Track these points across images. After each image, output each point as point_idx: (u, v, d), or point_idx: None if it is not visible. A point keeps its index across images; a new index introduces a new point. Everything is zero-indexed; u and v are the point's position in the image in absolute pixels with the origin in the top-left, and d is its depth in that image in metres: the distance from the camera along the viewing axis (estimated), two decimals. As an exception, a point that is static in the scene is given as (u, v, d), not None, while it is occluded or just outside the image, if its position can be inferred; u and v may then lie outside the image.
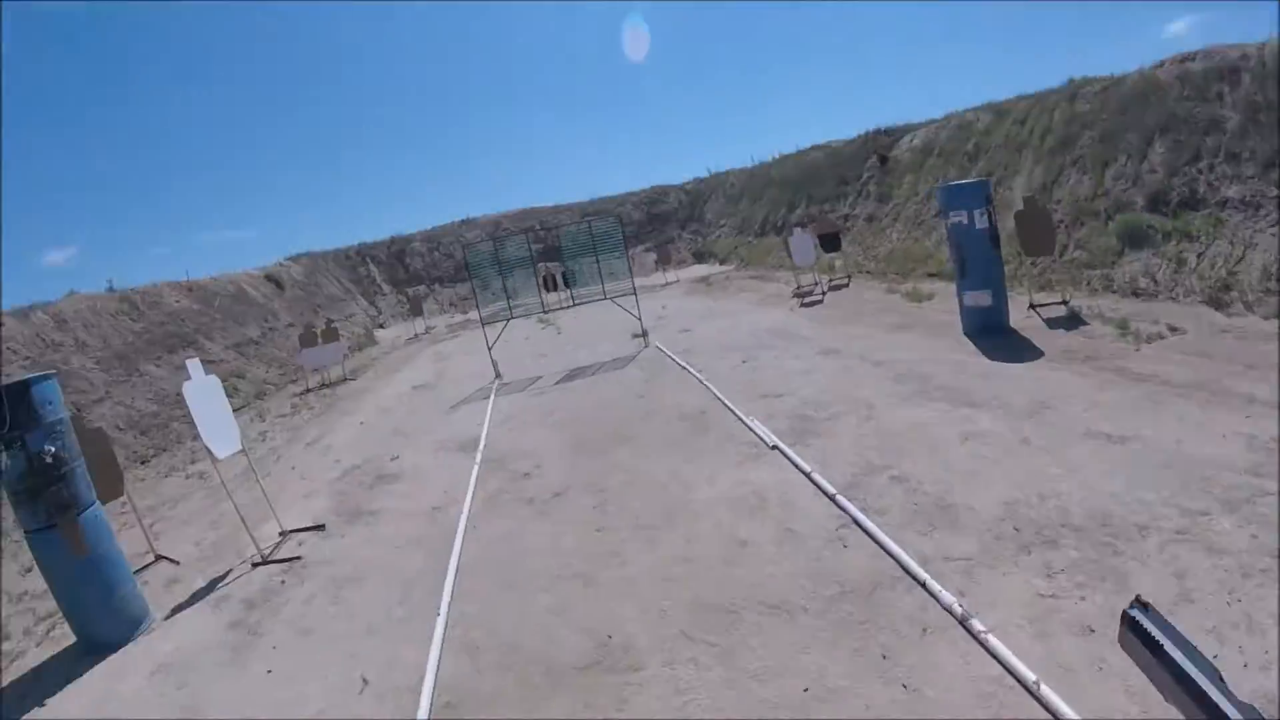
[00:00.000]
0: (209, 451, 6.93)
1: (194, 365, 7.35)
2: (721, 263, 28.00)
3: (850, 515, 5.44)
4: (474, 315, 26.74)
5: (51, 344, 14.67)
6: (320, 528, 7.66)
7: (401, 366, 18.67)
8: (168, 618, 6.34)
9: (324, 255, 32.41)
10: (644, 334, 14.08)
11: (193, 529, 8.82)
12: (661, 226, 34.49)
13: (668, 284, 24.79)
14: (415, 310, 27.47)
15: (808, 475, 6.32)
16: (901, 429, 6.99)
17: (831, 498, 5.79)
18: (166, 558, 7.93)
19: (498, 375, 13.68)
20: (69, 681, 5.52)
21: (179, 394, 15.44)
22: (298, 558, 7.01)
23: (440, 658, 4.73)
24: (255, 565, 7.09)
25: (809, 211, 22.77)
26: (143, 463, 12.50)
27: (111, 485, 7.74)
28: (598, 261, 14.83)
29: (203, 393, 7.22)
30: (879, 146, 20.88)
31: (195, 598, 6.68)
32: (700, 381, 10.11)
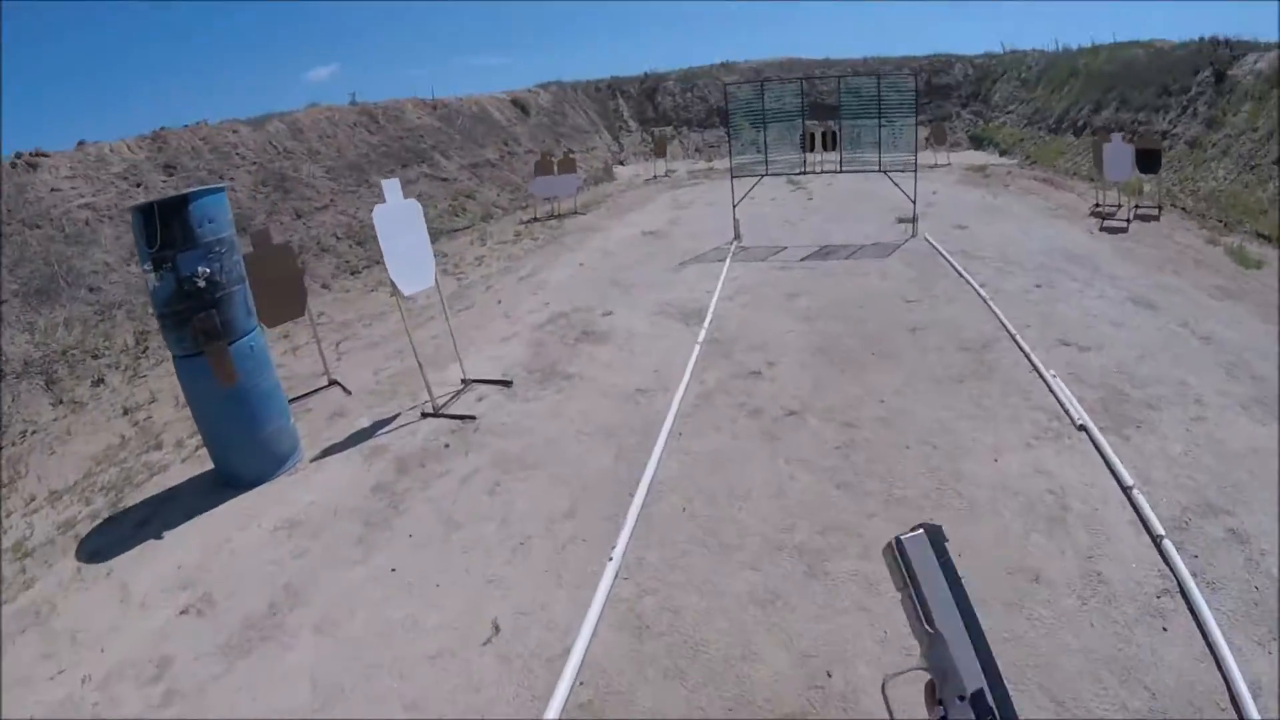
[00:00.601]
0: (393, 286, 5.90)
1: (390, 186, 6.25)
2: (1002, 154, 23.82)
3: (1179, 583, 3.49)
4: (719, 164, 24.91)
5: (283, 151, 14.59)
6: (507, 384, 6.65)
7: (635, 208, 17.29)
8: (316, 458, 5.76)
9: (574, 85, 31.19)
10: (914, 220, 11.64)
11: (379, 353, 8.21)
12: (940, 101, 30.12)
13: (937, 165, 21.37)
14: (659, 151, 25.78)
15: (1127, 492, 4.27)
16: (1241, 450, 4.64)
17: (1157, 542, 3.79)
18: (340, 384, 7.40)
19: (737, 236, 11.86)
20: (195, 514, 5.16)
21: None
22: (471, 417, 6.03)
23: (594, 632, 3.48)
24: (425, 415, 6.23)
25: (1118, 117, 18.39)
26: (353, 274, 12.26)
27: (294, 304, 7.27)
28: (880, 125, 12.20)
29: (397, 218, 6.15)
30: (1216, 60, 16.27)
31: (352, 440, 6.00)
32: (984, 300, 7.85)
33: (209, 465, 5.73)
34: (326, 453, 5.83)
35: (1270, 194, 11.76)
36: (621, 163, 27.71)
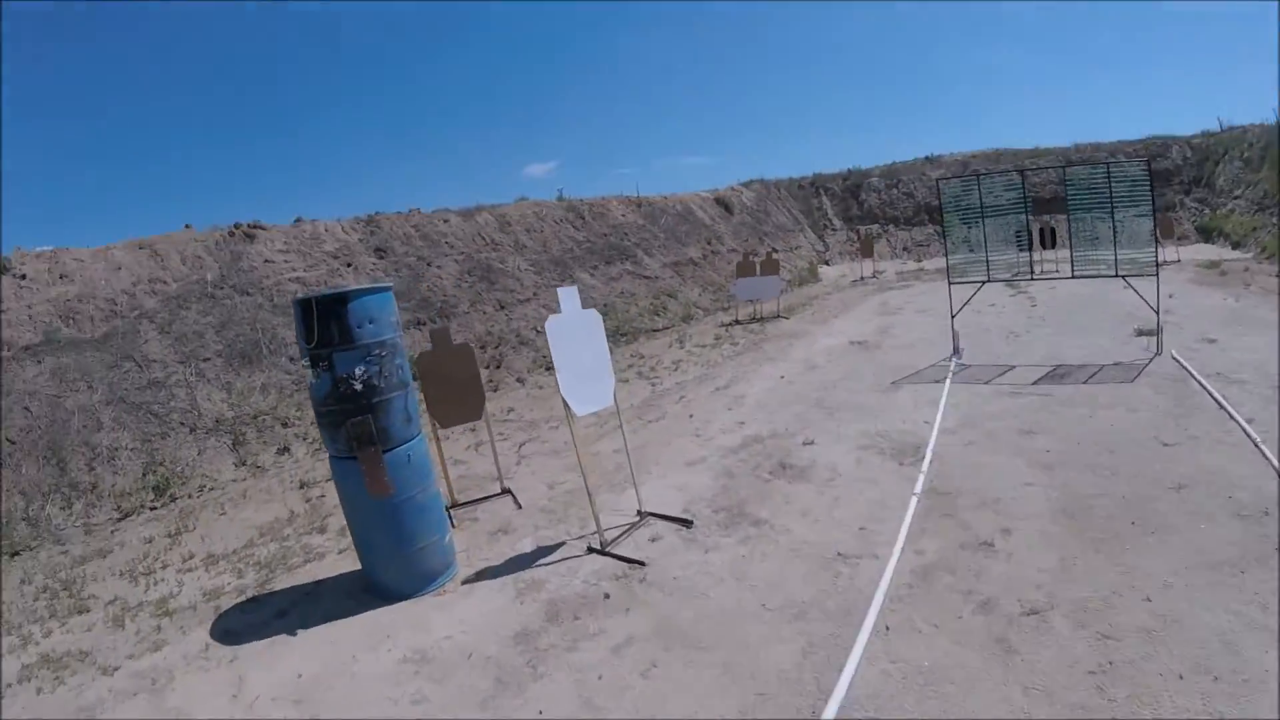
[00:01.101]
0: (565, 406, 5.25)
1: (567, 295, 5.64)
2: (1235, 245, 20.84)
3: None
4: (929, 264, 23.49)
5: (490, 242, 14.86)
6: (687, 523, 5.76)
7: (841, 312, 16.24)
8: (469, 580, 5.29)
9: (776, 183, 30.96)
10: (1157, 333, 9.92)
11: (559, 463, 7.71)
12: (1160, 188, 26.88)
13: (1166, 263, 18.59)
14: (865, 251, 24.58)
15: None
16: None
17: None
18: (512, 494, 6.96)
19: (957, 352, 10.49)
20: (332, 617, 4.95)
21: (604, 304, 15.44)
22: (641, 562, 5.18)
23: None
24: (591, 550, 5.50)
25: None
26: (549, 369, 11.98)
27: (471, 406, 6.85)
28: (1113, 220, 10.52)
29: (575, 329, 5.55)
30: None
31: (509, 566, 5.44)
32: (1255, 444, 6.10)
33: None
34: (480, 575, 5.31)
35: None
36: (826, 262, 26.83)
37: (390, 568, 5.11)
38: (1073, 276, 10.60)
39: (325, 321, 4.62)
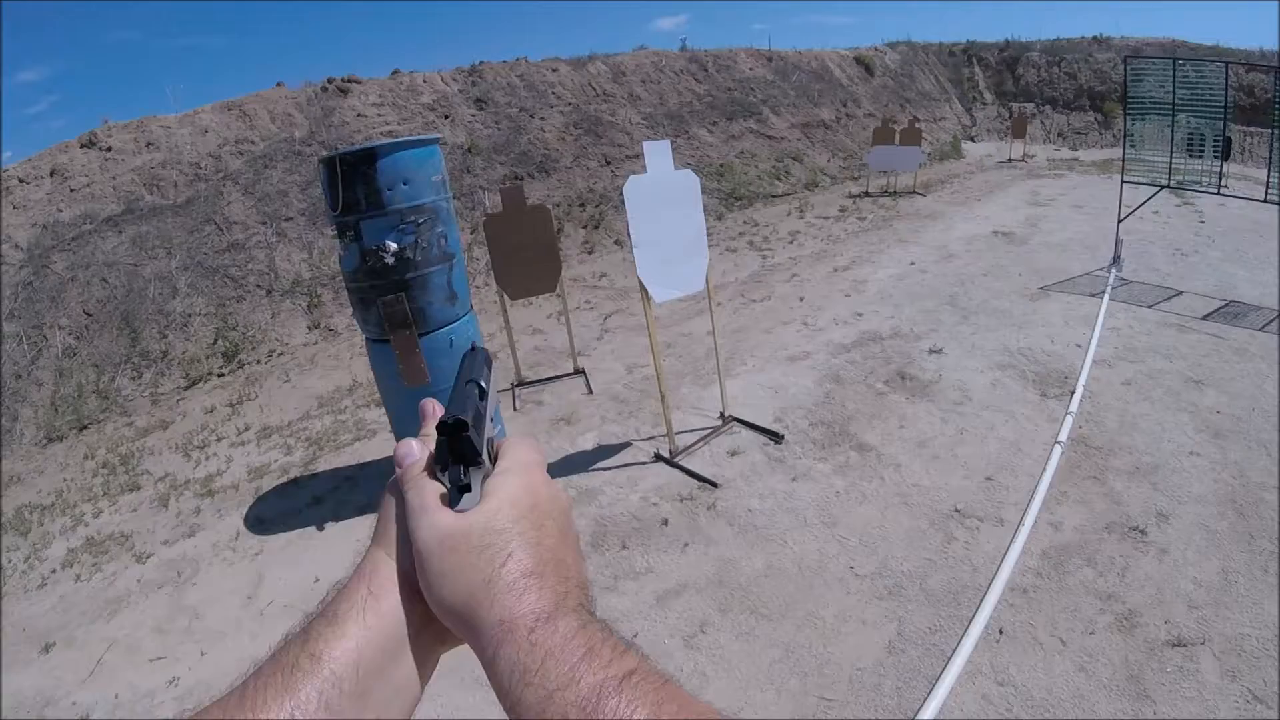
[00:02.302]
0: (642, 288, 4.33)
1: (657, 149, 4.53)
2: None
3: None
4: (1085, 155, 20.93)
5: (601, 94, 13.73)
6: (776, 438, 4.86)
7: (984, 196, 14.26)
8: None
9: (924, 47, 27.65)
10: None
11: (646, 340, 6.73)
12: None
13: None
14: (1017, 131, 21.93)
15: None
16: None
17: None
18: (585, 376, 6.27)
19: (1116, 261, 8.90)
20: (365, 510, 4.64)
21: (720, 164, 14.27)
22: (713, 484, 4.37)
23: None
24: (658, 457, 4.75)
25: None
26: None
27: (546, 276, 5.99)
28: None
29: (661, 195, 4.49)
30: None
31: (564, 466, 4.82)
32: None
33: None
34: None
35: None
36: (972, 139, 24.34)
37: (428, 459, 4.55)
38: (1265, 199, 8.66)
39: (351, 183, 3.85)
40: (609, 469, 4.69)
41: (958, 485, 4.16)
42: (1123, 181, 8.95)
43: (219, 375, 7.48)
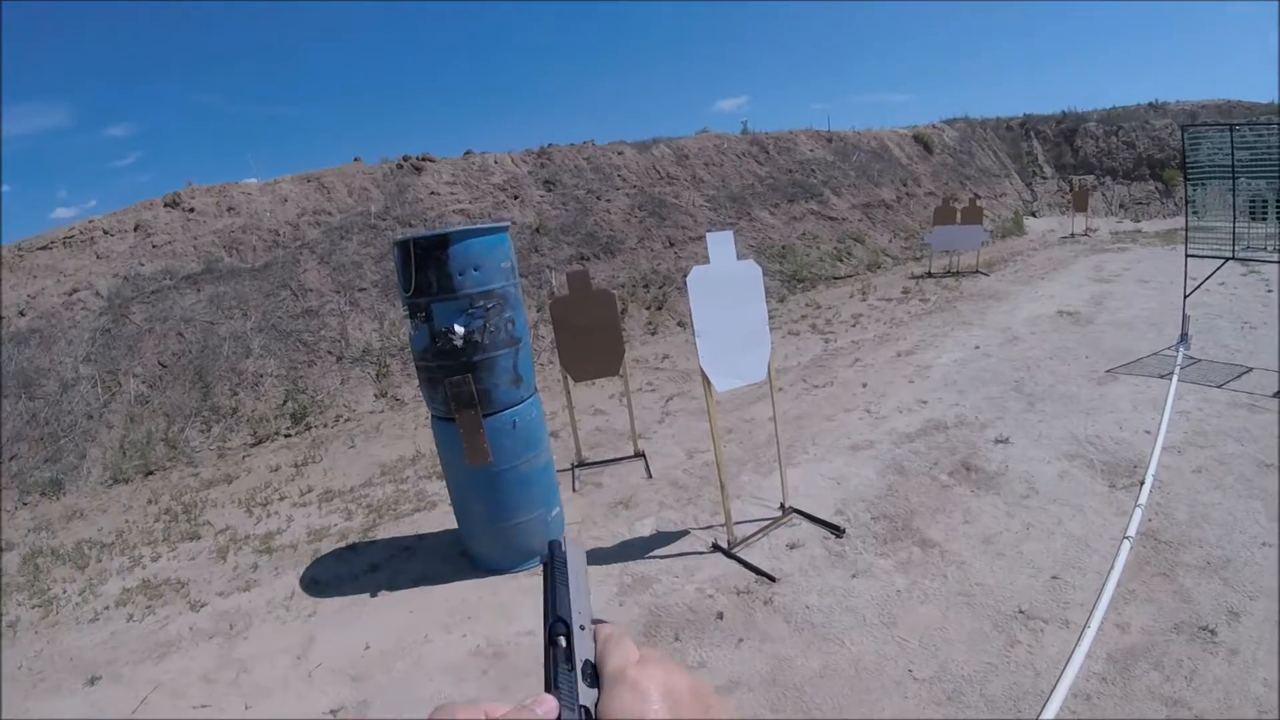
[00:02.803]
0: (704, 377, 4.40)
1: (720, 240, 4.61)
2: None
3: None
4: (1148, 226, 20.54)
5: (665, 176, 14.03)
6: (838, 531, 4.80)
7: (1048, 273, 14.09)
8: None
9: (982, 122, 27.59)
10: None
11: (705, 427, 6.75)
12: None
13: None
14: (1079, 205, 21.51)
15: None
16: None
17: None
18: (645, 459, 6.29)
19: (1184, 339, 8.68)
20: (420, 581, 4.69)
21: (782, 246, 14.36)
22: (771, 578, 4.33)
23: None
24: (715, 548, 4.73)
25: None
26: None
27: (609, 359, 6.08)
28: None
29: (725, 286, 4.56)
30: None
31: (619, 552, 4.83)
32: None
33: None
34: (586, 558, 4.61)
35: None
36: (1034, 214, 24.12)
37: (484, 539, 4.68)
38: None
39: (424, 267, 4.04)
40: (666, 557, 4.68)
41: (1023, 584, 4.05)
42: (1187, 255, 8.77)
43: (285, 435, 7.75)
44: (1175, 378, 7.35)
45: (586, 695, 0.52)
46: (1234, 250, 8.50)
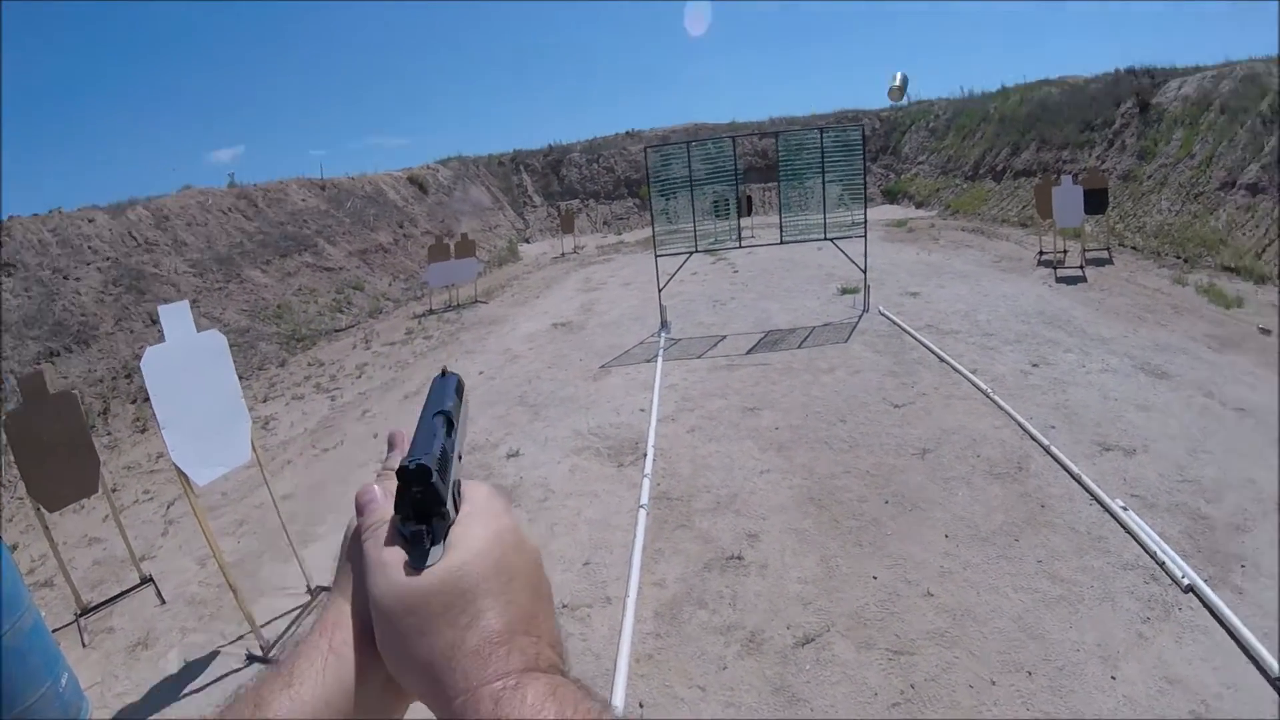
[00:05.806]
0: (178, 471, 3.85)
1: (173, 312, 4.12)
2: (918, 206, 23.74)
3: None
4: (629, 237, 23.43)
5: (143, 243, 12.47)
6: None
7: (543, 291, 15.42)
8: None
9: (475, 160, 29.44)
10: (864, 290, 10.09)
11: (218, 521, 6.07)
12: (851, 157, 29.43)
13: (855, 223, 20.18)
14: (566, 226, 24.12)
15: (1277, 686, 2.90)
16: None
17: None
18: (154, 584, 5.26)
19: (664, 325, 10.04)
20: None
21: (278, 305, 13.52)
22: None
23: None
24: (250, 658, 4.24)
25: (1040, 157, 18.55)
26: None
27: (83, 476, 4.92)
28: (824, 184, 10.45)
29: (185, 364, 4.03)
30: (1138, 89, 16.37)
31: (150, 703, 4.04)
32: (986, 395, 6.25)
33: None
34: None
35: (1225, 221, 11.45)
36: (527, 240, 26.12)
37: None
38: (781, 242, 10.51)
39: None
40: (202, 688, 4.06)
41: (559, 581, 4.24)
42: (656, 255, 10.16)
43: None
44: (660, 359, 8.43)
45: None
46: (696, 245, 10.13)
